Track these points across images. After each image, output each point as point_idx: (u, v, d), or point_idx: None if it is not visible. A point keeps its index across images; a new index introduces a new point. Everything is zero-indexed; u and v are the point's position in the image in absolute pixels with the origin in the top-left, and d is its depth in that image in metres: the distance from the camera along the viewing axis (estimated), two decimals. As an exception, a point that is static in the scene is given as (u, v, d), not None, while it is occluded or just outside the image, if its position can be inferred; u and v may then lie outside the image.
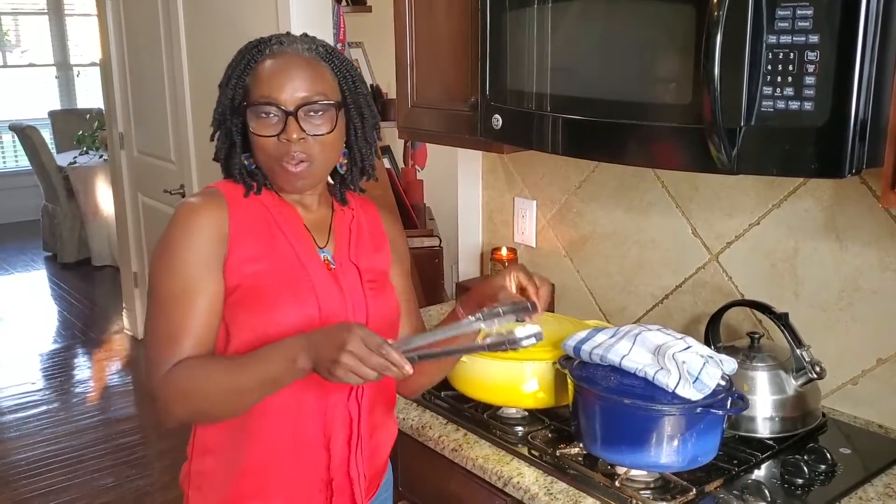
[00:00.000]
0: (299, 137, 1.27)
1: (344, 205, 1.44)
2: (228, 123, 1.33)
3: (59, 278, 6.17)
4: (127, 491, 3.29)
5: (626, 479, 1.40)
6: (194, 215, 1.29)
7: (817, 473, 1.42)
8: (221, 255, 1.28)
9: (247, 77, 1.30)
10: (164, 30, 3.85)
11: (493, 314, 1.18)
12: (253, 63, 1.31)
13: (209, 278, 1.27)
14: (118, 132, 4.58)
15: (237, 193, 1.34)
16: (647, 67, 1.36)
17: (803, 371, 1.52)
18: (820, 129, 1.16)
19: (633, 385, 1.38)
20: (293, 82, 1.28)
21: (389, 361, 1.12)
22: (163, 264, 1.28)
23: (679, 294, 1.91)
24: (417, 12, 1.91)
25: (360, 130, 1.38)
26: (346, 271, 1.36)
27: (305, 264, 1.32)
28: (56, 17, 8.00)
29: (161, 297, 1.28)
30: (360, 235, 1.43)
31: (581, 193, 2.09)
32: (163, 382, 1.25)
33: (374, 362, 1.12)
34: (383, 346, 1.12)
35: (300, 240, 1.34)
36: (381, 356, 1.12)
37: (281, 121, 1.28)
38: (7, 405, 4.05)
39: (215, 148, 1.37)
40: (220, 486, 1.35)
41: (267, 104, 1.28)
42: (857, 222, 1.58)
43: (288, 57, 1.31)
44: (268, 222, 1.34)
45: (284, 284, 1.30)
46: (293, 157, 1.28)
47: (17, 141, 6.98)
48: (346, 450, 1.34)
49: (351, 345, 1.12)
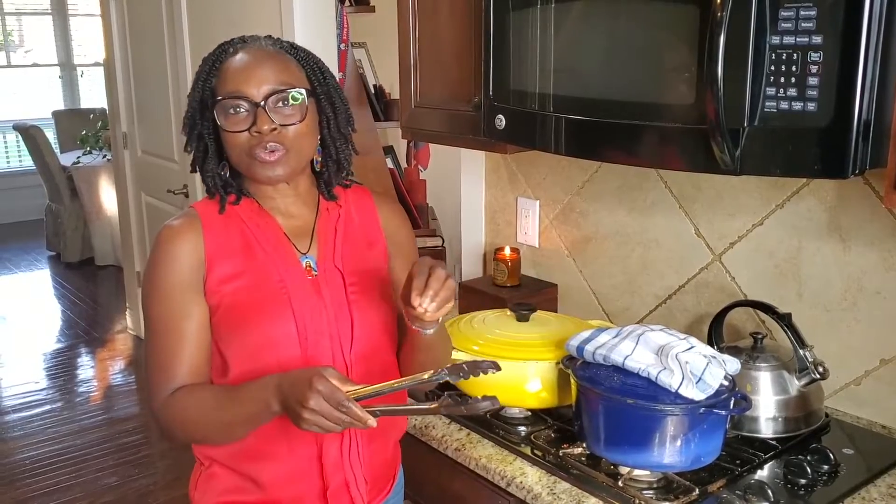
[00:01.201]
0: (270, 128, 1.26)
1: (332, 200, 1.41)
2: (199, 127, 1.32)
3: (62, 278, 6.18)
4: (130, 490, 3.29)
5: (629, 479, 1.40)
6: (170, 243, 1.30)
7: (820, 474, 1.42)
8: (200, 278, 1.29)
9: (213, 78, 1.29)
10: (167, 30, 3.85)
11: (457, 369, 1.17)
12: (218, 64, 1.30)
13: (193, 303, 1.29)
14: (121, 132, 4.59)
15: (214, 211, 1.33)
16: (650, 68, 1.36)
17: (806, 371, 1.52)
18: (823, 130, 1.16)
19: (636, 385, 1.38)
20: (258, 73, 1.27)
21: (352, 418, 1.12)
22: (149, 292, 1.31)
23: (682, 294, 1.91)
24: (421, 13, 1.91)
25: (333, 121, 1.35)
26: (328, 279, 1.34)
27: (283, 277, 1.31)
28: (60, 17, 8.01)
29: (152, 323, 1.31)
30: (349, 234, 1.40)
31: (584, 193, 2.09)
32: (162, 410, 1.29)
33: (335, 417, 1.12)
34: (344, 403, 1.11)
35: (279, 250, 1.33)
36: (342, 414, 1.12)
37: (250, 114, 1.26)
38: (10, 404, 4.06)
39: (191, 157, 1.36)
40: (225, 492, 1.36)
41: (234, 98, 1.26)
42: (861, 223, 1.58)
43: (252, 51, 1.30)
44: (245, 237, 1.33)
45: (260, 301, 1.29)
46: (266, 147, 1.26)
47: (20, 141, 7.00)
48: (339, 456, 1.34)
49: (312, 401, 1.11)
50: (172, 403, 1.28)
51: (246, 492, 1.35)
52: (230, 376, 1.31)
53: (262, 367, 1.27)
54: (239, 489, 1.35)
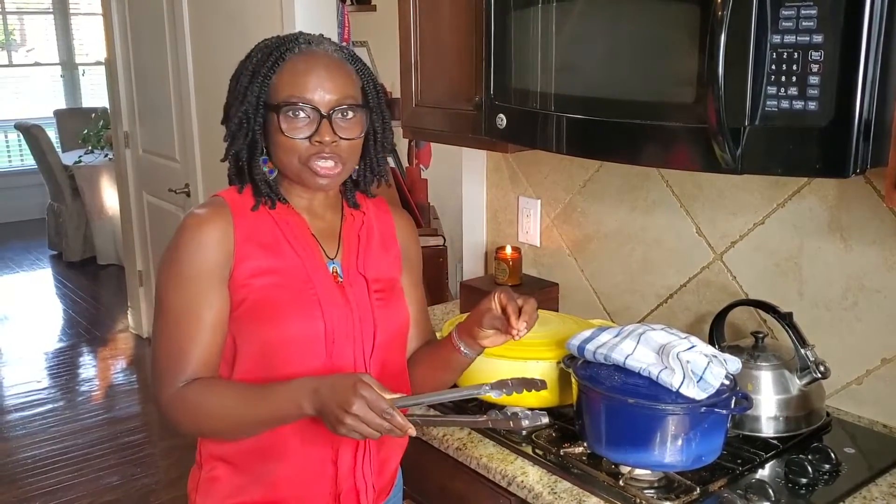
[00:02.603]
0: (332, 140, 1.26)
1: (355, 209, 1.42)
2: (252, 123, 1.28)
3: (64, 277, 6.19)
4: (132, 489, 3.30)
5: (630, 479, 1.40)
6: (199, 230, 1.27)
7: (821, 473, 1.42)
8: (227, 269, 1.27)
9: (273, 75, 1.27)
10: (169, 29, 3.86)
11: (502, 385, 1.19)
12: (280, 61, 1.27)
13: (214, 294, 1.26)
14: (123, 131, 4.59)
15: (243, 204, 1.31)
16: (651, 67, 1.36)
17: (807, 370, 1.52)
18: (824, 129, 1.16)
19: (637, 384, 1.38)
20: (327, 84, 1.26)
21: (393, 426, 1.13)
22: (169, 278, 1.28)
23: (683, 293, 1.91)
24: (422, 12, 1.91)
25: (380, 135, 1.37)
26: (353, 282, 1.34)
27: (312, 277, 1.30)
28: (61, 16, 8.02)
29: (167, 311, 1.27)
30: (370, 241, 1.40)
31: (585, 193, 2.09)
32: (173, 401, 1.26)
33: (377, 424, 1.12)
34: (388, 410, 1.12)
35: (308, 251, 1.32)
36: (384, 421, 1.12)
37: (314, 122, 1.26)
38: (12, 403, 4.07)
39: (234, 150, 1.31)
40: (229, 495, 1.35)
41: (301, 104, 1.25)
42: (862, 222, 1.58)
43: (318, 57, 1.28)
44: (274, 234, 1.31)
45: (291, 298, 1.28)
46: (324, 157, 1.26)
47: (22, 140, 7.01)
48: (353, 462, 1.34)
49: (356, 407, 1.12)
50: (186, 395, 1.25)
51: (251, 492, 1.33)
52: (237, 372, 1.29)
53: (275, 365, 1.26)
54: (243, 491, 1.34)
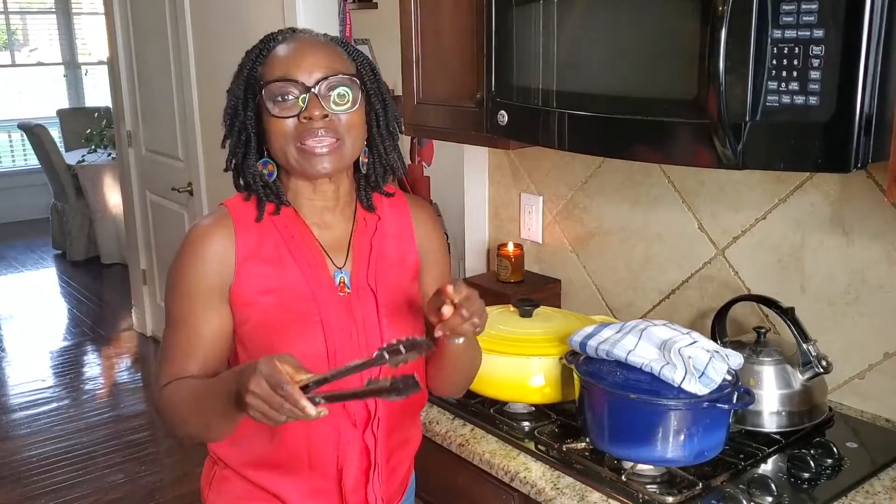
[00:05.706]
0: (322, 114, 1.20)
1: (370, 211, 1.35)
2: (241, 117, 1.25)
3: (68, 276, 6.20)
4: (137, 487, 3.30)
5: (632, 474, 1.40)
6: (200, 244, 1.25)
7: (824, 468, 1.42)
8: (226, 285, 1.25)
9: (259, 66, 1.24)
10: (171, 28, 3.86)
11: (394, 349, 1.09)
12: (265, 52, 1.25)
13: (213, 307, 1.25)
14: (126, 130, 4.60)
15: (247, 214, 1.28)
16: (652, 63, 1.36)
17: (810, 365, 1.52)
18: (825, 124, 1.16)
19: (640, 380, 1.38)
20: (310, 59, 1.22)
21: (290, 403, 1.02)
22: (171, 285, 1.28)
23: (685, 289, 1.91)
24: (423, 9, 1.91)
25: (383, 118, 1.30)
26: (361, 296, 1.30)
27: (315, 295, 1.26)
28: (64, 15, 8.03)
29: (171, 318, 1.29)
30: (383, 251, 1.34)
31: (587, 189, 2.09)
32: (159, 402, 1.27)
33: (275, 402, 1.02)
34: (283, 386, 1.01)
35: (311, 264, 1.28)
36: (281, 396, 1.02)
37: (301, 100, 1.21)
38: (17, 402, 4.08)
39: (229, 152, 1.29)
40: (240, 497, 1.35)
41: (284, 81, 1.20)
42: (864, 216, 1.58)
43: (302, 39, 1.26)
44: (277, 246, 1.27)
45: (291, 319, 1.25)
46: (316, 135, 1.20)
47: (25, 139, 7.02)
48: (363, 479, 1.32)
49: (253, 384, 1.03)
50: (165, 395, 1.25)
51: (260, 499, 1.33)
52: None
53: None
54: (252, 496, 1.33)
